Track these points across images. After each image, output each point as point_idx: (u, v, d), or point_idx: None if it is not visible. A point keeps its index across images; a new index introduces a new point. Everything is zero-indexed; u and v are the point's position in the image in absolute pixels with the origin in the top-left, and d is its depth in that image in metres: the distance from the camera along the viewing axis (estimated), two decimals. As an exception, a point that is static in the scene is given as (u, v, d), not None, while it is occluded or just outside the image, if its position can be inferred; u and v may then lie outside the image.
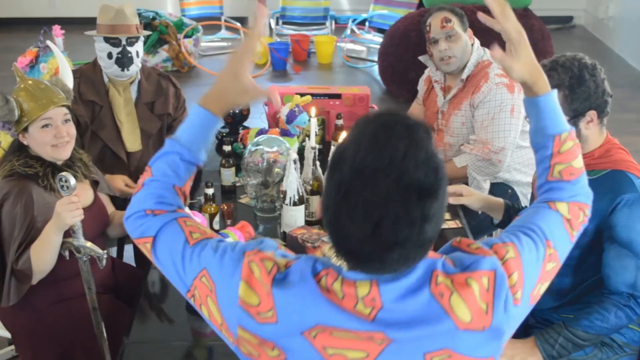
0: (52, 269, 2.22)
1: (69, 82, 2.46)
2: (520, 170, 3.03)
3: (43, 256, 2.17)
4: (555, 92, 1.46)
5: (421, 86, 3.23)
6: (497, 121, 2.82)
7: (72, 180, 2.08)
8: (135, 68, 2.91)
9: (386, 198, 1.12)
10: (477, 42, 2.94)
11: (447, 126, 3.00)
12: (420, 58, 3.08)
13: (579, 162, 1.46)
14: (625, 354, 2.11)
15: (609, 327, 1.97)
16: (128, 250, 3.10)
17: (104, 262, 2.19)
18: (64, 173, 2.09)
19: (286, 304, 1.22)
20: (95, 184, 2.51)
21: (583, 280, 2.10)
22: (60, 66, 2.53)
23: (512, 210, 2.44)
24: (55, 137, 2.27)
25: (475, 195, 2.46)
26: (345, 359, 1.21)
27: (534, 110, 1.47)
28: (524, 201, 3.06)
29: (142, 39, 2.95)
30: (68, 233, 2.18)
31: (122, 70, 2.87)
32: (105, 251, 2.19)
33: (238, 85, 1.42)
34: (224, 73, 1.43)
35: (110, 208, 2.58)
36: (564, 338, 1.97)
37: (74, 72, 2.84)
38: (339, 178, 1.15)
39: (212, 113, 1.43)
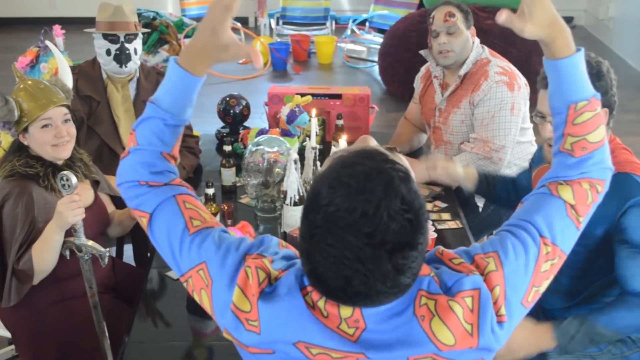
0: (53, 268, 2.22)
1: (69, 82, 2.46)
2: (520, 166, 3.04)
3: (45, 256, 2.17)
4: (579, 54, 1.31)
5: (417, 84, 3.23)
6: (498, 119, 2.82)
7: (74, 179, 2.07)
8: (133, 65, 2.92)
9: (357, 255, 1.08)
10: (477, 40, 2.94)
11: (445, 124, 3.00)
12: (422, 52, 3.08)
13: (596, 136, 1.33)
14: (639, 349, 2.11)
15: (630, 326, 1.96)
16: (128, 250, 3.10)
17: (106, 260, 2.18)
18: (65, 172, 2.09)
19: (270, 318, 1.21)
20: (95, 184, 2.51)
21: (592, 281, 2.10)
22: (60, 66, 2.54)
23: (486, 180, 2.51)
24: (55, 137, 2.27)
25: (451, 167, 2.57)
26: (329, 358, 1.21)
27: (552, 72, 1.35)
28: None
29: (140, 36, 2.97)
30: (69, 232, 2.18)
31: (120, 66, 2.89)
32: (107, 249, 2.19)
33: (217, 41, 1.29)
34: (202, 28, 1.30)
35: (110, 207, 2.58)
36: (583, 333, 1.94)
37: (73, 68, 2.85)
38: (312, 221, 1.12)
39: (192, 74, 1.34)
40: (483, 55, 2.93)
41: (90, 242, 2.18)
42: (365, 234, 1.07)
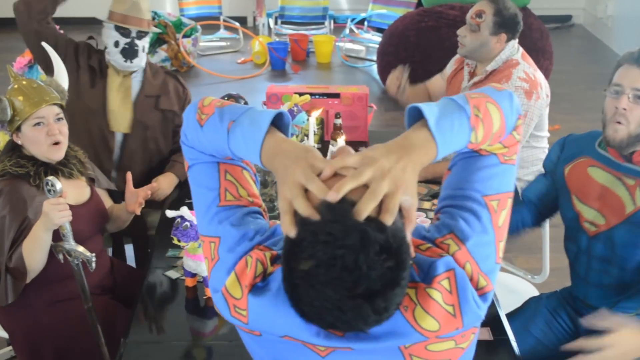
0: (46, 270, 2.21)
1: (64, 82, 2.46)
2: (529, 169, 3.05)
3: (34, 254, 2.16)
4: (440, 149, 1.18)
5: (451, 64, 3.23)
6: None
7: (58, 185, 2.07)
8: (138, 61, 2.92)
9: (338, 306, 1.08)
10: (514, 41, 2.91)
11: None
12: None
13: (497, 124, 1.26)
14: None
15: None
16: (128, 250, 3.09)
17: (93, 265, 2.15)
18: (50, 177, 2.08)
19: (259, 311, 1.23)
20: (91, 181, 2.50)
21: None
22: (55, 67, 2.54)
23: None
24: (47, 134, 2.27)
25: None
26: (316, 350, 1.24)
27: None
28: None
29: (150, 35, 2.97)
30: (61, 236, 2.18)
31: (126, 61, 2.89)
32: (94, 254, 2.15)
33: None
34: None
35: (108, 202, 2.57)
36: None
37: (81, 42, 2.94)
38: (294, 269, 1.11)
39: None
40: (515, 56, 2.91)
41: (80, 248, 2.16)
42: (346, 288, 1.06)
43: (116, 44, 2.88)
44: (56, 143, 2.29)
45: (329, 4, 8.15)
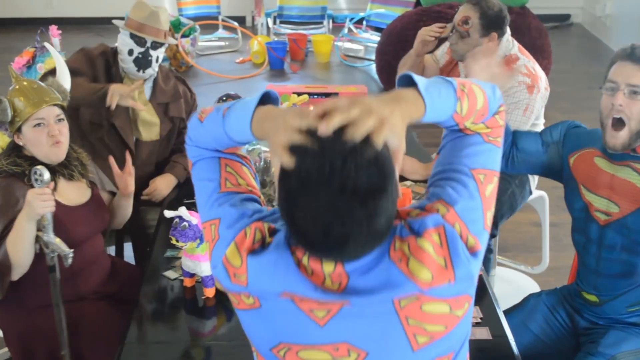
0: (42, 272, 2.18)
1: (66, 83, 2.45)
2: None
3: (17, 246, 2.13)
4: (429, 105, 1.27)
5: (443, 51, 3.18)
6: (509, 116, 2.82)
7: (46, 175, 2.06)
8: (151, 71, 2.89)
9: (332, 207, 1.14)
10: (506, 35, 2.90)
11: None
12: (448, 37, 3.06)
13: (480, 101, 1.34)
14: None
15: None
16: (127, 250, 3.09)
17: (69, 261, 2.12)
18: (39, 167, 2.08)
19: (258, 269, 1.26)
20: (93, 184, 2.49)
21: None
22: (58, 67, 2.53)
23: None
24: (48, 135, 2.26)
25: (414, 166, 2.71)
26: (316, 305, 1.26)
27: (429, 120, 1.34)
28: (533, 184, 3.11)
29: (165, 46, 2.93)
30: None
31: (139, 71, 2.86)
32: (71, 250, 2.12)
33: None
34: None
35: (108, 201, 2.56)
36: None
37: (98, 47, 2.91)
38: (287, 185, 1.18)
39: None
40: (513, 51, 2.91)
41: (57, 240, 2.13)
42: (337, 187, 1.13)
43: (130, 52, 2.84)
44: (57, 142, 2.28)
45: (327, 3, 8.14)
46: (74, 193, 2.37)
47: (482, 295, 2.16)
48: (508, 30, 2.91)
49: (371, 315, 1.26)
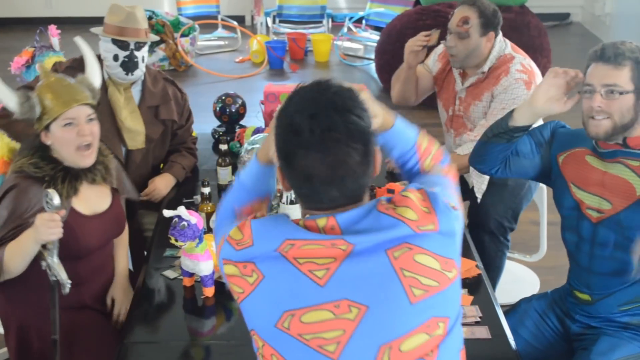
0: (45, 275, 2.15)
1: (96, 81, 2.38)
2: None
3: (14, 258, 2.09)
4: (399, 119, 1.63)
5: (434, 59, 3.17)
6: (507, 111, 2.82)
7: (56, 200, 1.99)
8: (139, 72, 2.83)
9: (318, 110, 1.35)
10: (499, 34, 2.92)
11: (466, 115, 2.99)
12: (443, 42, 3.06)
13: (436, 147, 1.66)
14: None
15: None
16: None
17: (67, 289, 2.07)
18: (50, 190, 2.01)
19: (261, 228, 1.40)
20: (115, 190, 2.42)
21: None
22: (88, 63, 2.45)
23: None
24: (77, 134, 2.19)
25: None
26: (315, 266, 1.34)
27: (394, 138, 1.62)
28: (539, 191, 3.12)
29: (148, 43, 2.90)
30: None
31: (127, 74, 2.80)
32: (69, 281, 2.07)
33: None
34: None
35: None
36: None
37: (67, 68, 2.77)
38: (286, 105, 1.41)
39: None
40: (506, 51, 2.91)
41: (59, 266, 2.08)
42: (322, 99, 1.37)
43: (115, 57, 2.77)
44: (87, 145, 2.21)
45: (327, 2, 8.15)
46: (95, 198, 2.32)
47: (482, 294, 2.16)
48: (499, 31, 2.93)
49: (368, 270, 1.33)
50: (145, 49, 2.85)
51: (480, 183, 2.91)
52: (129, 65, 2.78)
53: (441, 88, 3.13)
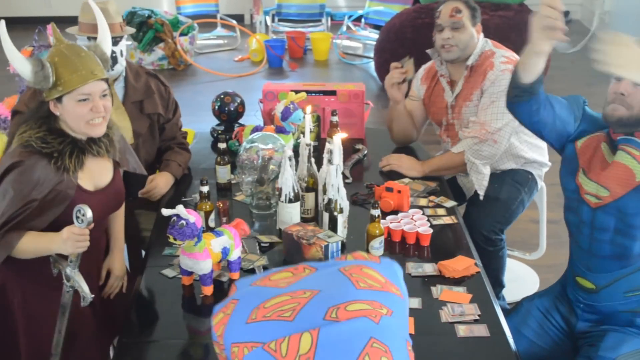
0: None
1: (108, 48, 2.31)
2: (535, 146, 3.05)
3: (27, 251, 2.10)
4: None
5: (418, 86, 3.18)
6: (497, 103, 2.84)
7: (89, 213, 1.97)
8: (119, 67, 2.82)
9: None
10: (481, 34, 2.97)
11: (459, 119, 3.00)
12: (428, 51, 3.07)
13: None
14: None
15: None
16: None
17: (88, 301, 2.08)
18: (82, 205, 1.99)
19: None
20: (117, 164, 2.36)
21: None
22: (100, 29, 2.34)
23: None
24: (91, 110, 2.11)
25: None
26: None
27: None
28: (540, 183, 3.13)
29: (126, 37, 2.87)
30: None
31: (108, 71, 2.79)
32: (92, 295, 2.08)
33: None
34: None
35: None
36: None
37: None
38: None
39: None
40: (487, 47, 2.96)
41: (80, 278, 2.08)
42: None
43: None
44: (100, 122, 2.15)
45: (326, 1, 8.15)
46: (98, 172, 2.26)
47: (481, 292, 2.15)
48: None
49: (323, 278, 1.56)
50: (123, 42, 2.83)
51: (480, 180, 2.90)
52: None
53: (429, 105, 3.13)
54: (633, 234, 2.06)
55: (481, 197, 2.91)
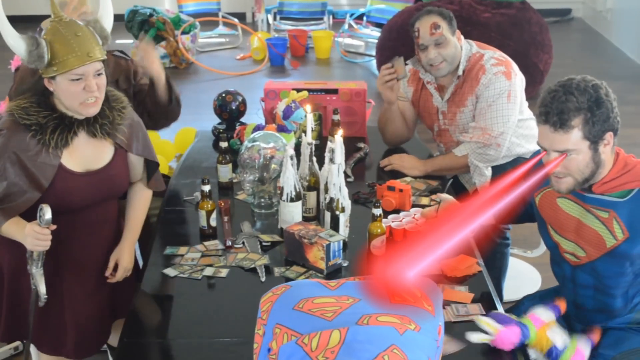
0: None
1: (109, 24, 2.22)
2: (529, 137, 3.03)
3: (7, 232, 2.12)
4: None
5: (404, 86, 3.12)
6: (495, 107, 2.82)
7: (48, 215, 1.98)
8: None
9: None
10: (462, 37, 2.92)
11: (453, 125, 2.97)
12: (409, 62, 3.04)
13: None
14: None
15: None
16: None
17: (42, 303, 2.10)
18: (43, 205, 2.00)
19: None
20: (120, 146, 2.28)
21: (633, 297, 2.09)
22: (102, 3, 2.25)
23: None
24: (84, 89, 2.08)
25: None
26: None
27: None
28: None
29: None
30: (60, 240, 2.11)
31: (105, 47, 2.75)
32: (46, 297, 2.10)
33: None
34: None
35: (138, 170, 2.39)
36: None
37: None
38: None
39: None
40: (474, 50, 2.92)
41: (40, 277, 2.09)
42: None
43: None
44: (93, 102, 2.12)
45: (327, -1, 8.14)
46: (92, 154, 2.21)
47: (483, 292, 2.15)
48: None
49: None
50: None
51: (483, 182, 2.89)
52: None
53: (419, 109, 3.11)
54: (611, 292, 2.06)
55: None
